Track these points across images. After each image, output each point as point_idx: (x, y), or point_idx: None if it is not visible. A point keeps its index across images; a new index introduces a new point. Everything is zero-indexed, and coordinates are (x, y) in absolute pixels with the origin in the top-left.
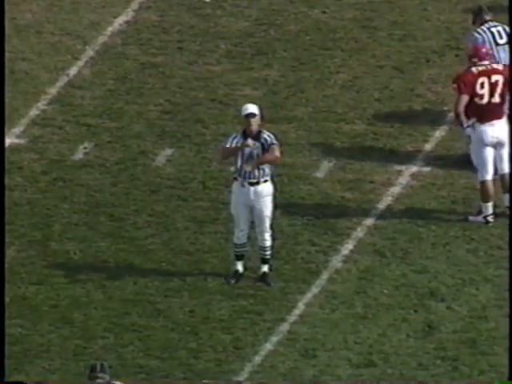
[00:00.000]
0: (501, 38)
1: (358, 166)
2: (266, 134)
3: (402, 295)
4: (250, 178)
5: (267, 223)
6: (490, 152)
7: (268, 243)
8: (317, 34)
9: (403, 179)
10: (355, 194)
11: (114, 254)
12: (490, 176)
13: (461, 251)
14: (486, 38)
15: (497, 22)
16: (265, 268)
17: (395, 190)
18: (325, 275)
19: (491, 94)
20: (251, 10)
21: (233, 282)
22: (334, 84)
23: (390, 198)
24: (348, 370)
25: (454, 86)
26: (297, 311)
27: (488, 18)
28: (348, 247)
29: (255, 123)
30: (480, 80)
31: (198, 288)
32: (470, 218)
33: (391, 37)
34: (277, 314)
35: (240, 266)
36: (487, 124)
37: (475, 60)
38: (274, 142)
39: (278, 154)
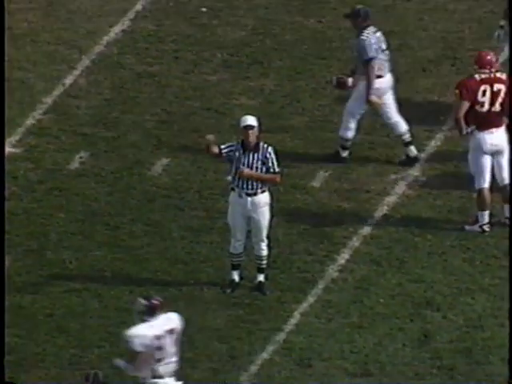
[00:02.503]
0: (384, 43)
1: (354, 175)
2: (266, 149)
3: (398, 304)
4: (247, 189)
5: (264, 233)
6: (487, 160)
7: (264, 253)
8: (313, 44)
9: (399, 189)
10: (351, 203)
11: (110, 263)
12: (487, 184)
13: (457, 260)
14: (373, 41)
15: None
16: (261, 277)
17: (391, 199)
18: (321, 285)
19: (492, 103)
20: (247, 20)
21: (229, 291)
22: (330, 93)
23: (385, 207)
24: (344, 380)
25: (456, 91)
26: (293, 320)
27: (369, 22)
28: (344, 256)
29: (253, 135)
30: (482, 88)
31: (193, 297)
32: (467, 227)
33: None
34: (273, 323)
35: (236, 276)
36: (486, 132)
37: (475, 67)
38: (277, 169)
39: (278, 180)
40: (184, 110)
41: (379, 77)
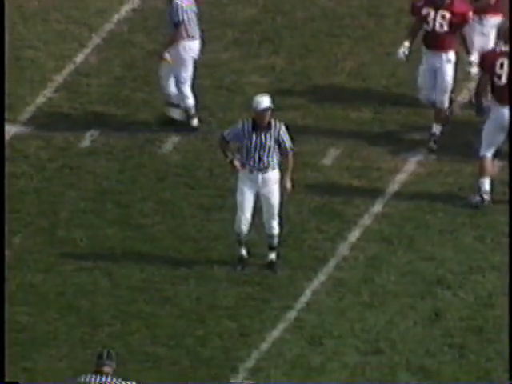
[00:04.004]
0: (194, 6)
1: (365, 153)
2: (279, 127)
3: (409, 283)
4: (258, 165)
5: (275, 210)
6: (500, 135)
7: (276, 231)
8: (324, 22)
9: (410, 166)
10: (362, 181)
11: (121, 241)
12: (490, 154)
13: (468, 238)
14: (186, 5)
15: None
16: (272, 255)
17: (402, 177)
18: (332, 263)
19: (510, 76)
20: None
21: (239, 268)
22: (341, 71)
23: (396, 185)
24: (355, 358)
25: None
26: (304, 299)
27: None
28: (355, 235)
29: (269, 115)
30: (500, 60)
31: (204, 275)
32: (471, 197)
33: (398, 24)
34: (284, 301)
35: (244, 252)
36: (506, 106)
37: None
38: (291, 147)
39: (291, 157)
40: (195, 88)
41: (192, 38)
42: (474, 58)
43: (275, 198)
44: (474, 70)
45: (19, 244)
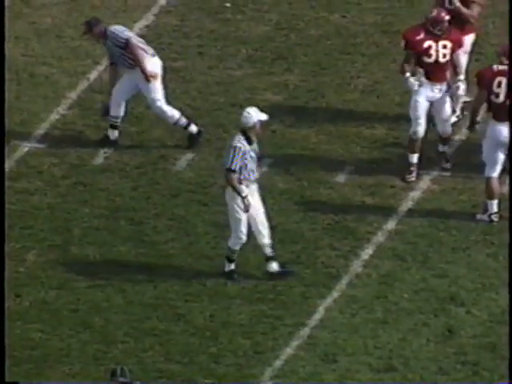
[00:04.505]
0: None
1: (379, 170)
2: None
3: (423, 300)
4: (254, 176)
5: (265, 218)
6: (500, 152)
7: (270, 240)
8: (337, 39)
9: (423, 184)
10: (375, 198)
11: (134, 258)
12: (496, 173)
13: (481, 256)
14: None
15: None
16: (274, 265)
17: (415, 194)
18: (345, 280)
19: (508, 94)
20: (272, 15)
21: (237, 278)
22: (354, 89)
23: (410, 202)
24: (368, 375)
25: (475, 80)
26: (317, 316)
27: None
28: (368, 252)
29: None
30: (498, 79)
31: (218, 292)
32: (478, 216)
33: None
34: (297, 318)
35: (233, 266)
36: (503, 123)
37: (503, 58)
38: None
39: None
40: (208, 106)
41: (152, 54)
42: (463, 76)
43: (263, 207)
44: (463, 88)
45: (32, 261)
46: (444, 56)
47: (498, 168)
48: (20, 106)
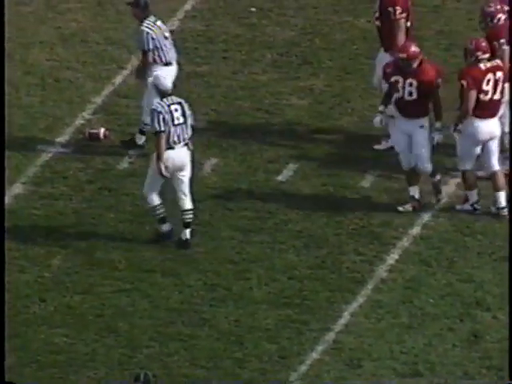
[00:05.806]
0: (167, 31)
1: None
2: None
3: (448, 305)
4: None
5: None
6: (478, 148)
7: (190, 205)
8: (362, 44)
9: (449, 188)
10: (401, 203)
11: (160, 263)
12: (470, 167)
13: (506, 260)
14: (157, 31)
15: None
16: (187, 232)
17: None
18: (370, 285)
19: (494, 91)
20: (297, 20)
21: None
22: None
23: (435, 207)
24: (394, 380)
25: (463, 82)
26: (342, 321)
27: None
28: (393, 257)
29: None
30: (487, 77)
31: (243, 297)
32: (458, 206)
33: (437, 46)
34: (322, 323)
35: (167, 227)
36: (484, 120)
37: (479, 53)
38: None
39: None
40: (233, 110)
41: (168, 64)
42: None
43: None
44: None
45: (57, 266)
46: (410, 94)
47: (473, 162)
48: (45, 110)
